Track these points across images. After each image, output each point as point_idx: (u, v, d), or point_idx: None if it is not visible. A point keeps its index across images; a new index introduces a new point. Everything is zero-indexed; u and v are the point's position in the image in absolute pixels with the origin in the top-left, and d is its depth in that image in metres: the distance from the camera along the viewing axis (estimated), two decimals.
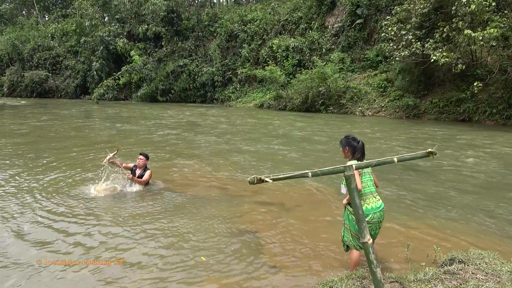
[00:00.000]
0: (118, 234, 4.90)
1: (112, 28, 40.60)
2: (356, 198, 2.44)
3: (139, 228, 5.09)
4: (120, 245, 4.57)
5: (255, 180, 2.27)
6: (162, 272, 3.93)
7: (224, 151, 10.87)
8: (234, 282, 3.78)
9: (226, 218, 5.50)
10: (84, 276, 3.83)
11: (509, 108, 16.06)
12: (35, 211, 5.78)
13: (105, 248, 4.49)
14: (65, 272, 3.91)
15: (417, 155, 2.72)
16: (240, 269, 4.02)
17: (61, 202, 6.19)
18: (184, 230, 5.07)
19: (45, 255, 4.31)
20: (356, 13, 25.89)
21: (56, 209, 5.85)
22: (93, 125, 17.45)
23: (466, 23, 15.21)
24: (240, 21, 34.08)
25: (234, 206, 6.06)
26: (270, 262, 4.15)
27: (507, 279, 3.18)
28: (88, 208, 5.89)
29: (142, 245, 4.58)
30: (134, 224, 5.26)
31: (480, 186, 7.21)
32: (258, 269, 4.00)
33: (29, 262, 4.12)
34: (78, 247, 4.52)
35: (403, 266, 3.91)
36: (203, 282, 3.77)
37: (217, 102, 34.18)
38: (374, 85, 22.34)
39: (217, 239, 4.77)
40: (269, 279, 3.80)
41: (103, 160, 6.64)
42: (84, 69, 42.90)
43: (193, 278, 3.83)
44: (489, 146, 11.09)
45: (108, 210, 5.85)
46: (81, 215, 5.61)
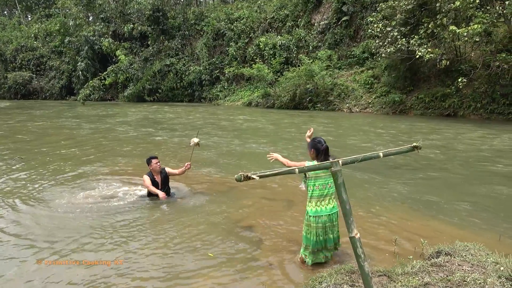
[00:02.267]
0: (117, 233, 4.84)
1: (97, 27, 40.11)
2: (343, 193, 2.46)
3: (137, 228, 5.05)
4: (120, 244, 4.52)
5: (242, 178, 2.27)
6: (162, 273, 3.90)
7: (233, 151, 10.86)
8: (227, 278, 3.78)
9: (226, 213, 5.51)
10: (84, 276, 3.79)
11: (492, 103, 16.36)
12: (34, 210, 5.71)
13: (105, 248, 4.44)
14: (65, 272, 3.86)
15: (402, 149, 2.75)
16: (233, 265, 4.02)
17: (61, 201, 6.12)
18: (184, 226, 5.04)
19: (45, 255, 4.26)
20: (342, 10, 26.05)
21: (56, 209, 5.77)
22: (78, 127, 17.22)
23: (450, 19, 15.43)
24: (227, 19, 34.00)
25: (233, 201, 6.11)
26: (264, 259, 4.16)
27: (492, 270, 3.24)
28: (88, 208, 5.82)
29: (142, 244, 4.53)
30: (132, 223, 5.22)
31: (466, 179, 7.32)
32: (252, 266, 4.01)
33: (29, 262, 4.07)
34: (78, 247, 4.46)
35: (391, 260, 3.95)
36: (196, 278, 3.75)
37: (204, 101, 34.07)
38: (361, 82, 22.52)
39: (212, 235, 4.75)
40: (262, 276, 3.81)
41: (190, 143, 6.31)
42: (69, 69, 42.29)
43: (186, 277, 3.81)
44: (473, 139, 11.28)
45: (108, 209, 5.79)
46: (82, 214, 5.54)
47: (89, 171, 8.33)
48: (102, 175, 7.97)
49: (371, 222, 5.17)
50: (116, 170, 8.40)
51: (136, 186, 6.92)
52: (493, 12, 14.55)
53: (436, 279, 3.12)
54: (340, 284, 3.17)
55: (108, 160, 9.51)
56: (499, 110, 16.09)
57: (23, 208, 5.92)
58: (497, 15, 14.58)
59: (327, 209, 3.78)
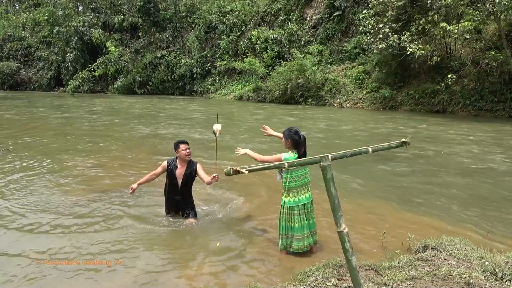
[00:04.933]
0: (116, 233, 4.77)
1: (86, 18, 39.53)
2: (332, 188, 2.46)
3: (135, 227, 4.98)
4: (120, 244, 4.46)
5: (231, 172, 2.26)
6: (162, 271, 3.88)
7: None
8: (215, 271, 3.79)
9: (216, 207, 5.53)
10: (84, 276, 3.75)
11: (481, 100, 16.54)
12: (33, 210, 5.59)
13: (105, 247, 4.37)
14: (65, 272, 3.81)
15: (391, 145, 2.76)
16: (221, 259, 4.04)
17: (61, 200, 5.99)
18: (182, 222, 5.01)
19: (45, 255, 4.19)
20: (334, 5, 26.02)
21: (55, 208, 5.64)
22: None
23: (441, 16, 15.51)
24: (219, 12, 33.73)
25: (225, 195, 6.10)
26: (252, 253, 4.18)
27: (477, 264, 3.30)
28: (88, 207, 5.70)
29: (141, 244, 4.48)
30: (130, 222, 5.14)
31: (453, 174, 7.41)
32: (239, 260, 4.02)
33: (29, 262, 4.01)
34: (78, 246, 4.39)
35: (379, 254, 3.99)
36: (187, 270, 3.75)
37: (196, 94, 33.89)
38: (352, 77, 22.58)
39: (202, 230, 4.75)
40: (250, 270, 3.82)
41: (215, 132, 4.90)
42: (58, 60, 41.67)
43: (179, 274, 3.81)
44: (462, 136, 11.42)
45: (107, 208, 5.68)
46: (82, 213, 5.46)
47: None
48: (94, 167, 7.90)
49: (359, 217, 5.22)
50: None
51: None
52: (483, 10, 14.66)
53: (422, 273, 3.16)
54: (328, 278, 3.19)
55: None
56: (487, 107, 16.29)
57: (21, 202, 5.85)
58: (487, 13, 14.70)
59: (304, 198, 3.96)
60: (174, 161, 4.95)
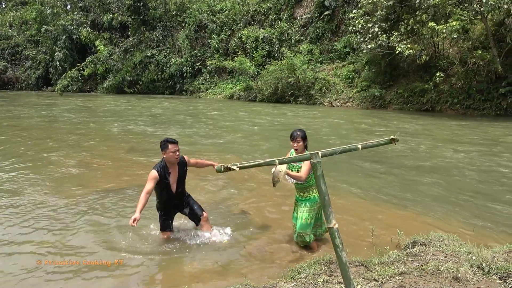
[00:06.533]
0: (115, 233, 4.75)
1: (75, 16, 39.07)
2: (322, 184, 2.48)
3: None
4: (119, 244, 4.43)
5: (222, 169, 2.26)
6: (178, 273, 3.88)
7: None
8: (208, 268, 3.80)
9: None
10: (84, 276, 3.73)
11: (468, 98, 16.77)
12: (33, 209, 5.53)
13: (105, 246, 4.36)
14: (65, 272, 3.80)
15: (380, 142, 2.79)
16: (214, 255, 4.06)
17: (61, 200, 5.94)
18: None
19: (44, 255, 4.16)
20: (324, 5, 26.11)
21: (55, 208, 5.59)
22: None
23: (429, 15, 15.68)
24: (209, 11, 33.61)
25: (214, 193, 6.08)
26: (244, 249, 4.19)
27: (464, 259, 3.36)
28: (88, 206, 5.67)
29: (141, 244, 4.46)
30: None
31: (439, 172, 7.50)
32: (232, 257, 4.03)
33: (29, 262, 3.98)
34: (78, 246, 4.37)
35: (369, 250, 4.04)
36: (180, 267, 3.75)
37: (186, 93, 33.73)
38: (342, 76, 22.71)
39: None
40: (242, 266, 3.84)
41: (275, 178, 3.62)
42: (46, 59, 41.09)
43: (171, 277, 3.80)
44: (449, 133, 11.57)
45: (106, 207, 5.66)
46: (82, 212, 5.42)
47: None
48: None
49: (349, 213, 5.26)
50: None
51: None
52: (471, 10, 14.84)
53: (411, 268, 3.21)
54: (319, 274, 3.22)
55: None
56: (475, 105, 16.51)
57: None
58: (474, 13, 14.89)
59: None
60: (163, 166, 4.16)
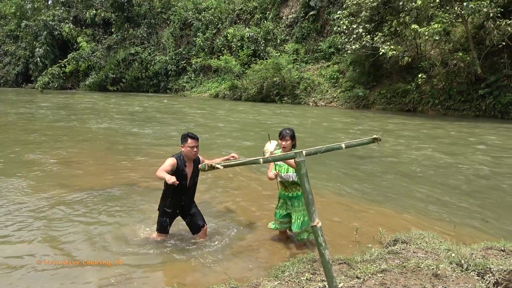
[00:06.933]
0: (114, 233, 4.67)
1: (56, 12, 38.33)
2: (306, 183, 2.50)
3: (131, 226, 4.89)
4: (119, 244, 4.37)
5: (206, 167, 2.26)
6: (162, 272, 3.85)
7: None
8: (189, 268, 3.79)
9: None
10: (84, 276, 3.67)
11: (449, 99, 17.12)
12: (32, 209, 5.40)
13: (104, 246, 4.29)
14: (65, 272, 3.73)
15: (363, 141, 2.82)
16: (196, 254, 4.05)
17: (61, 199, 5.80)
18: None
19: (45, 255, 4.07)
20: (309, 5, 26.26)
21: (55, 207, 5.45)
22: None
23: (412, 17, 15.95)
24: (194, 9, 33.42)
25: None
26: (228, 248, 4.19)
27: (444, 256, 3.43)
28: (72, 206, 5.54)
29: (140, 243, 4.39)
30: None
31: (422, 171, 7.64)
32: (215, 256, 4.02)
33: (29, 262, 3.90)
34: (78, 246, 4.29)
35: (351, 248, 4.09)
36: (160, 270, 3.73)
37: (171, 92, 33.47)
38: (327, 76, 22.89)
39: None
40: (225, 265, 3.83)
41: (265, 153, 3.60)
42: (26, 55, 40.24)
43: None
44: (430, 133, 11.80)
45: (93, 206, 5.54)
46: (81, 212, 5.32)
47: None
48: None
49: (332, 212, 5.31)
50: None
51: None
52: (452, 12, 15.16)
53: (392, 266, 3.26)
54: (302, 273, 3.24)
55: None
56: (455, 106, 16.86)
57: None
58: (455, 16, 15.20)
59: None
60: (181, 158, 4.16)
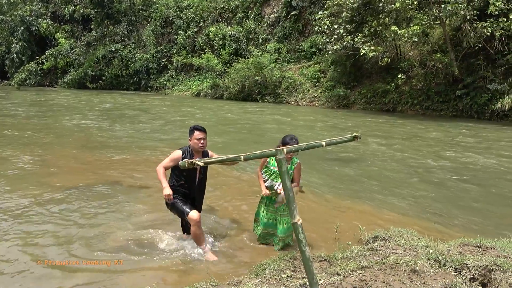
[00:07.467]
0: (113, 233, 4.57)
1: (34, 7, 37.33)
2: (287, 180, 2.50)
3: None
4: (118, 244, 4.29)
5: (186, 164, 2.23)
6: (142, 271, 3.77)
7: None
8: (172, 267, 3.75)
9: None
10: (84, 276, 3.60)
11: (427, 100, 17.49)
12: (32, 209, 5.23)
13: (104, 246, 4.20)
14: (65, 272, 3.65)
15: (343, 139, 2.84)
16: (178, 254, 4.02)
17: (61, 199, 5.64)
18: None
19: (45, 254, 3.98)
20: (291, 5, 26.37)
21: (55, 207, 5.31)
22: None
23: (391, 19, 16.22)
24: (176, 6, 33.12)
25: None
26: (210, 247, 4.16)
27: (422, 253, 3.49)
28: (87, 206, 5.42)
29: (140, 243, 4.31)
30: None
31: (401, 169, 7.78)
32: (198, 257, 3.99)
33: (29, 262, 3.80)
34: (78, 246, 4.20)
35: (332, 246, 4.12)
36: (139, 272, 3.67)
37: (152, 90, 33.09)
38: (308, 76, 23.05)
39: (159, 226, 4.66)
40: (207, 264, 3.81)
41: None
42: (2, 51, 39.10)
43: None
44: (410, 133, 12.03)
45: (104, 205, 5.44)
46: (81, 211, 5.19)
47: None
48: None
49: (313, 210, 5.35)
50: None
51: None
52: (430, 15, 15.48)
53: (372, 262, 3.30)
54: (283, 270, 3.25)
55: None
56: (433, 106, 17.24)
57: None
58: (433, 18, 15.54)
59: None
60: (189, 151, 4.07)
